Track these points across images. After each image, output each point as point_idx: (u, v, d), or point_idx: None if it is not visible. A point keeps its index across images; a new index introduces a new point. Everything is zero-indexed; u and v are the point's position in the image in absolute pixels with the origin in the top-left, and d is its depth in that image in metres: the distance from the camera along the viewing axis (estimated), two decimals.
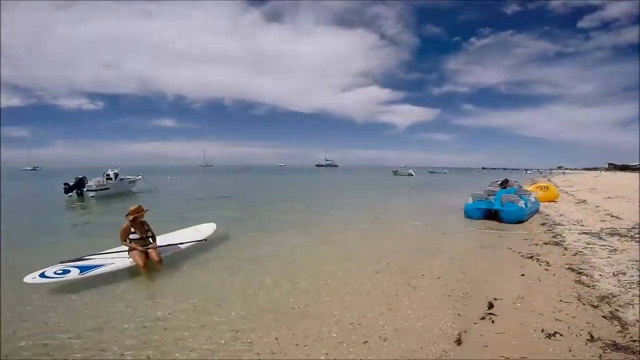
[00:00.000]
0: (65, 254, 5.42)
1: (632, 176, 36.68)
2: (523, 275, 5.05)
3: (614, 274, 4.85)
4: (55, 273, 4.63)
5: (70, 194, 18.32)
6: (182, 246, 6.03)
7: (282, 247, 7.04)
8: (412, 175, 51.88)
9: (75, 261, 5.09)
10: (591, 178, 37.71)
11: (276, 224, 10.10)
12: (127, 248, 5.37)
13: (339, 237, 8.28)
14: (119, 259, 5.27)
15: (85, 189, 18.34)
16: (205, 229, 7.30)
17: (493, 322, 3.57)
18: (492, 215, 10.07)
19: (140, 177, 23.66)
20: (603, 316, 3.58)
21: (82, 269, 4.84)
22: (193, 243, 6.26)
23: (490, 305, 3.95)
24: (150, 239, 5.57)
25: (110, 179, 20.04)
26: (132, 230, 5.39)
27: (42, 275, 4.56)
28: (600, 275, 4.84)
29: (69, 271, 4.74)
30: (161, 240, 6.02)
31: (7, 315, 3.81)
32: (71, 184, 18.39)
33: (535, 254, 6.14)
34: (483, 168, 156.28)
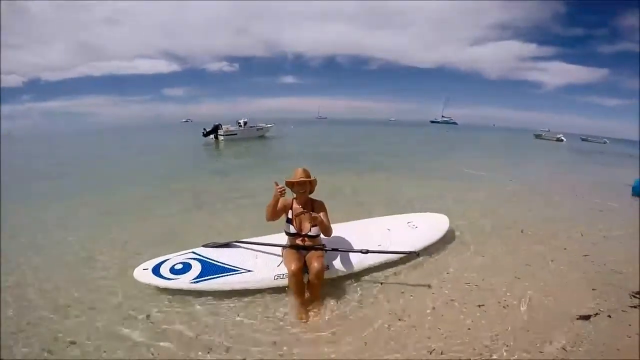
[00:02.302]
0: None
1: None
2: None
3: None
4: (171, 270, 3.21)
5: (210, 136, 23.67)
6: (368, 259, 3.36)
7: None
8: (563, 140, 41.44)
9: (220, 247, 3.49)
10: None
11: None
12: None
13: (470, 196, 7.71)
14: (264, 266, 3.22)
15: (219, 133, 23.61)
16: (429, 222, 4.24)
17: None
18: None
19: (271, 125, 28.54)
20: None
21: (206, 269, 3.21)
22: (388, 255, 3.48)
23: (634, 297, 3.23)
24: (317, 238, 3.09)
25: (241, 126, 25.42)
26: (289, 215, 3.03)
27: (156, 270, 3.21)
28: None
29: (188, 269, 3.22)
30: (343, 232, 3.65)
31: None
32: (208, 129, 23.80)
33: None
34: None
